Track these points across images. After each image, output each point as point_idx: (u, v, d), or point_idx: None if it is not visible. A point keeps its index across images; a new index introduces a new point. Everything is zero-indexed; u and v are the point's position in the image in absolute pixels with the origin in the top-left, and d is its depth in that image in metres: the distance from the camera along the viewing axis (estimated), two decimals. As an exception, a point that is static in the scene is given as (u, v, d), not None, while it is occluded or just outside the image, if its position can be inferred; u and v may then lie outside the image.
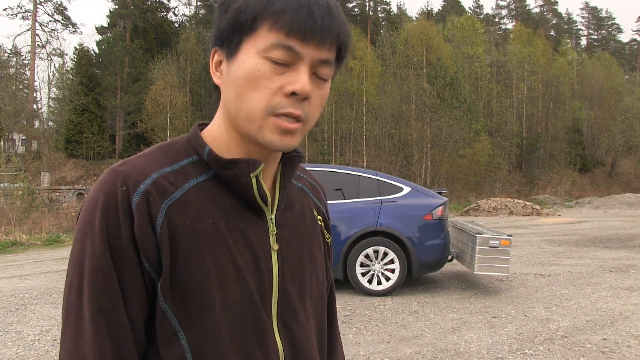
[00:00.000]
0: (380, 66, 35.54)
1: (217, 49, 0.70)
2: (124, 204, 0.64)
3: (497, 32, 55.35)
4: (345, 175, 6.28)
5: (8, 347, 4.15)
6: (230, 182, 0.71)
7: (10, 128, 31.85)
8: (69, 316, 0.64)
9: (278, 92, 0.65)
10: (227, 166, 0.70)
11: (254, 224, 0.72)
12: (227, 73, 0.69)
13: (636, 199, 23.33)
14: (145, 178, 0.66)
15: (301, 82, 0.65)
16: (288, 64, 0.65)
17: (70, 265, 0.66)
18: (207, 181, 0.70)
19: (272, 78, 0.65)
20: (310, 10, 0.64)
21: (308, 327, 0.78)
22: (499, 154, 33.63)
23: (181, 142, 0.74)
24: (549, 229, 13.54)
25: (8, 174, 18.15)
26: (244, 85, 0.66)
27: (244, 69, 0.66)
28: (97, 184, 0.66)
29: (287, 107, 0.65)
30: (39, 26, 38.70)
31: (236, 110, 0.68)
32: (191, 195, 0.68)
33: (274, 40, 0.64)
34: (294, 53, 0.64)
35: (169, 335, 0.66)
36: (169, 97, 28.49)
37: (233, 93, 0.68)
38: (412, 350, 3.97)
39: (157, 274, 0.65)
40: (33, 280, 7.06)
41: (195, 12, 48.19)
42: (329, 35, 0.65)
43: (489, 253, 5.77)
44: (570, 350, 3.94)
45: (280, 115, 0.66)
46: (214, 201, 0.69)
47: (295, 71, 0.65)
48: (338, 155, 33.41)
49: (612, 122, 39.15)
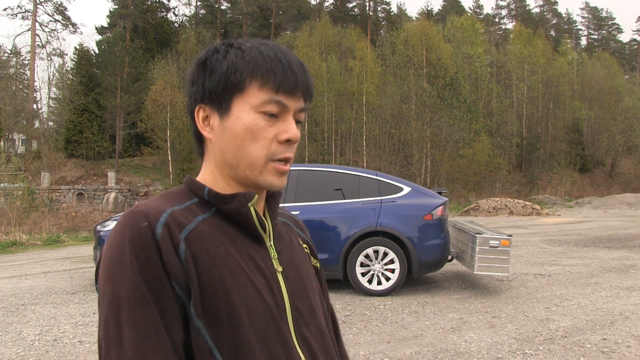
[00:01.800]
0: (380, 66, 35.53)
1: (203, 106, 0.79)
2: (149, 237, 0.69)
3: (497, 32, 55.35)
4: (345, 175, 6.28)
5: (8, 347, 4.15)
6: (231, 214, 0.78)
7: (10, 128, 31.83)
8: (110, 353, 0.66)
9: (274, 141, 0.77)
10: (227, 200, 0.78)
11: (259, 251, 0.80)
12: (222, 128, 0.77)
13: (636, 199, 23.33)
14: (162, 213, 0.72)
15: (292, 131, 0.77)
16: (277, 116, 0.77)
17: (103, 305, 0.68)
18: (211, 217, 0.77)
19: (267, 129, 0.76)
20: (292, 70, 0.76)
21: (321, 340, 0.84)
22: (499, 154, 33.61)
23: (180, 189, 0.82)
24: (549, 229, 13.54)
25: (8, 174, 18.14)
26: (245, 138, 0.76)
27: (243, 124, 0.76)
28: (118, 226, 0.71)
29: (283, 152, 0.78)
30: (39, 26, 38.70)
31: (237, 160, 0.78)
32: (201, 228, 0.74)
33: (265, 97, 0.75)
34: (283, 106, 0.76)
35: (205, 352, 0.70)
36: (169, 97, 28.46)
37: (233, 145, 0.77)
38: (412, 350, 3.97)
39: (186, 296, 0.70)
40: (33, 280, 7.06)
41: (195, 12, 48.19)
42: (306, 89, 0.79)
43: (489, 253, 5.76)
44: (570, 350, 3.94)
45: (276, 160, 0.77)
46: (222, 232, 0.77)
47: (284, 121, 0.77)
48: (338, 155, 33.40)
49: (612, 122, 39.15)
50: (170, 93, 28.55)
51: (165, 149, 28.90)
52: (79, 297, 5.95)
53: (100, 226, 6.56)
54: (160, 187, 26.95)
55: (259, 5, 47.48)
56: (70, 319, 5.02)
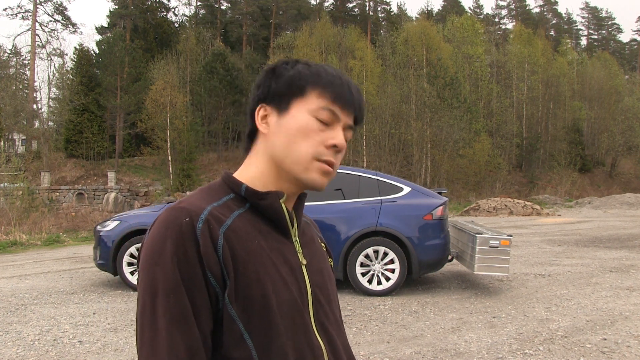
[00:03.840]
0: (380, 66, 35.52)
1: (264, 105, 0.87)
2: (189, 232, 0.76)
3: (497, 32, 55.35)
4: (345, 175, 6.27)
5: (8, 347, 4.15)
6: (266, 210, 0.86)
7: (10, 128, 31.83)
8: (145, 334, 0.74)
9: (322, 144, 0.84)
10: (263, 197, 0.85)
11: (286, 245, 0.87)
12: (278, 124, 0.85)
13: (636, 199, 23.33)
14: (202, 210, 0.79)
15: (340, 138, 0.85)
16: (328, 124, 0.85)
17: (141, 291, 0.76)
18: (245, 213, 0.85)
19: (318, 132, 0.84)
20: (349, 88, 0.87)
21: (337, 329, 0.93)
22: (499, 154, 33.60)
23: (218, 184, 0.89)
24: (549, 229, 13.54)
25: (8, 174, 18.14)
26: (297, 134, 0.83)
27: (297, 122, 0.84)
28: (161, 221, 0.78)
29: (328, 155, 0.84)
30: (39, 26, 38.72)
31: (284, 154, 0.84)
32: (237, 223, 0.82)
33: (322, 104, 0.84)
34: (335, 116, 0.85)
35: (237, 337, 0.77)
36: (169, 97, 28.45)
37: (284, 140, 0.84)
38: (412, 350, 3.97)
39: (221, 287, 0.77)
40: (33, 280, 7.06)
41: (195, 12, 48.22)
42: (358, 108, 0.88)
43: (489, 253, 5.76)
44: (570, 350, 3.94)
45: (322, 161, 0.84)
46: (254, 227, 0.84)
47: (334, 129, 0.85)
48: (338, 155, 33.33)
49: (612, 122, 39.12)
50: (170, 93, 28.54)
51: (165, 149, 28.89)
52: (79, 297, 5.95)
53: (100, 226, 6.55)
54: (161, 187, 26.94)
55: (259, 5, 47.47)
56: (70, 319, 5.02)
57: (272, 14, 48.44)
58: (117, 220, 6.47)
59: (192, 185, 27.13)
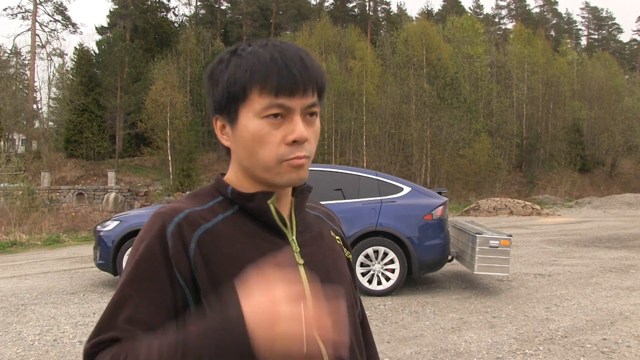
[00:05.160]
0: (380, 66, 35.53)
1: (218, 117, 0.83)
2: (160, 235, 0.77)
3: (497, 32, 55.36)
4: (345, 175, 6.27)
5: (8, 347, 4.15)
6: (253, 211, 0.83)
7: (10, 128, 31.84)
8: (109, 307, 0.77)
9: (281, 144, 0.78)
10: (249, 198, 0.83)
11: (280, 246, 0.83)
12: (234, 137, 0.82)
13: (636, 199, 23.32)
14: (179, 213, 0.79)
15: (298, 130, 0.77)
16: (282, 116, 0.78)
17: None
18: (234, 215, 0.83)
19: (273, 133, 0.78)
20: (289, 70, 0.76)
21: None
22: (499, 154, 33.61)
23: (208, 188, 0.88)
24: (549, 229, 13.54)
25: (8, 174, 18.14)
26: (253, 144, 0.79)
27: (249, 132, 0.78)
28: (145, 225, 0.82)
29: (293, 153, 0.78)
30: (39, 26, 38.73)
31: (252, 165, 0.81)
32: (220, 226, 0.80)
33: (265, 103, 0.76)
34: (285, 108, 0.77)
35: None
36: (169, 97, 28.45)
37: (245, 152, 0.81)
38: (412, 350, 3.97)
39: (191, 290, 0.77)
40: (33, 280, 7.06)
41: (195, 12, 48.20)
42: (310, 85, 0.78)
43: (489, 253, 5.76)
44: (570, 350, 3.94)
45: (289, 160, 0.79)
46: (241, 230, 0.82)
47: (290, 122, 0.78)
48: (338, 155, 33.41)
49: (612, 122, 39.13)
50: (170, 93, 28.55)
51: (165, 149, 28.90)
52: (79, 297, 5.95)
53: (100, 226, 6.55)
54: (160, 187, 26.94)
55: (259, 5, 47.48)
56: (70, 319, 5.01)
57: (272, 14, 48.44)
58: (117, 220, 6.47)
59: (192, 185, 27.14)
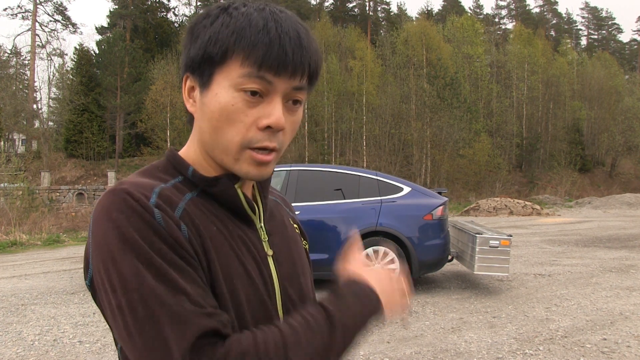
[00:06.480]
0: (380, 66, 35.54)
1: (189, 75, 0.70)
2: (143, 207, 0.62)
3: (497, 32, 55.35)
4: (345, 175, 6.28)
5: (8, 347, 4.15)
6: (218, 197, 0.72)
7: (10, 128, 31.84)
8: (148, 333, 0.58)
9: (252, 126, 0.66)
10: (212, 183, 0.71)
11: (248, 233, 0.74)
12: (202, 103, 0.69)
13: (636, 199, 23.32)
14: (150, 192, 0.65)
15: (275, 116, 0.66)
16: (262, 94, 0.66)
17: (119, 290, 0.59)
18: (198, 197, 0.70)
19: (246, 112, 0.66)
20: (281, 44, 0.65)
21: None
22: (499, 154, 33.63)
23: (162, 165, 0.74)
24: (549, 229, 13.54)
25: (8, 174, 18.14)
26: (219, 119, 0.67)
27: (219, 102, 0.66)
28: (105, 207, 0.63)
29: (262, 140, 0.67)
30: (39, 26, 38.74)
31: (212, 142, 0.69)
32: (191, 207, 0.68)
33: (245, 72, 0.65)
34: (267, 83, 0.65)
35: None
36: (169, 97, 28.48)
37: (209, 125, 0.68)
38: (412, 350, 3.97)
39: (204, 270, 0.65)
40: (33, 280, 7.06)
41: (195, 12, 48.16)
42: (301, 66, 0.67)
43: (489, 253, 5.76)
44: (570, 350, 3.94)
45: (255, 149, 0.67)
46: (211, 213, 0.70)
47: (269, 103, 0.66)
48: (338, 155, 33.40)
49: (612, 122, 39.15)
50: (170, 93, 28.56)
51: (165, 149, 28.87)
52: (79, 297, 5.95)
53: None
54: (160, 187, 26.93)
55: (259, 5, 47.44)
56: (70, 319, 5.01)
57: (272, 14, 48.38)
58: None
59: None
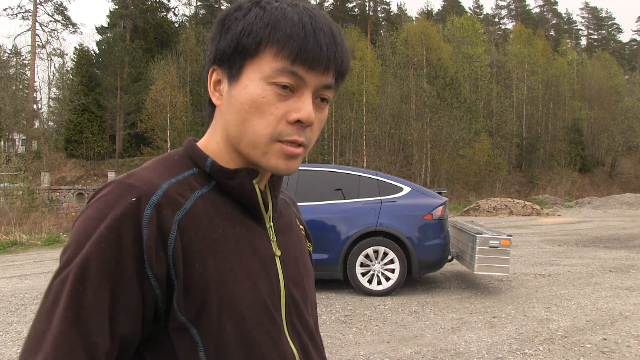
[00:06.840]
0: (380, 66, 35.53)
1: (216, 68, 0.70)
2: (133, 217, 0.61)
3: (497, 32, 55.35)
4: (345, 175, 6.28)
5: (8, 347, 4.16)
6: (234, 191, 0.71)
7: (10, 128, 31.86)
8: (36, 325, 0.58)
9: (282, 119, 0.66)
10: (231, 176, 0.70)
11: (257, 232, 0.73)
12: (229, 96, 0.68)
13: (636, 199, 23.32)
14: (156, 189, 0.64)
15: (306, 111, 0.66)
16: (292, 89, 0.66)
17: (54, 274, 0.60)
18: (210, 192, 0.70)
19: (276, 104, 0.66)
20: (316, 38, 0.65)
21: (311, 330, 0.79)
22: (499, 154, 33.63)
23: (179, 155, 0.73)
24: (549, 229, 13.54)
25: (8, 174, 18.15)
26: (249, 111, 0.66)
27: (249, 94, 0.66)
28: (103, 196, 0.63)
29: (291, 134, 0.66)
30: (39, 26, 38.74)
31: (239, 135, 0.68)
32: (199, 207, 0.67)
33: (279, 66, 0.64)
34: (299, 78, 0.65)
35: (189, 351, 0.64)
36: (169, 97, 28.50)
37: (237, 117, 0.67)
38: (412, 350, 3.97)
39: (162, 290, 0.62)
40: (33, 280, 7.06)
41: (195, 12, 48.19)
42: (333, 63, 0.67)
43: (489, 253, 5.76)
44: (570, 350, 3.94)
45: (284, 142, 0.67)
46: (219, 211, 0.69)
47: (300, 97, 0.66)
48: (338, 155, 33.41)
49: (612, 122, 39.17)
50: (170, 93, 28.58)
51: (165, 149, 28.92)
52: (79, 297, 5.95)
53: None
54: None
55: (259, 5, 47.40)
56: (70, 319, 5.01)
57: (272, 14, 48.36)
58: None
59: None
